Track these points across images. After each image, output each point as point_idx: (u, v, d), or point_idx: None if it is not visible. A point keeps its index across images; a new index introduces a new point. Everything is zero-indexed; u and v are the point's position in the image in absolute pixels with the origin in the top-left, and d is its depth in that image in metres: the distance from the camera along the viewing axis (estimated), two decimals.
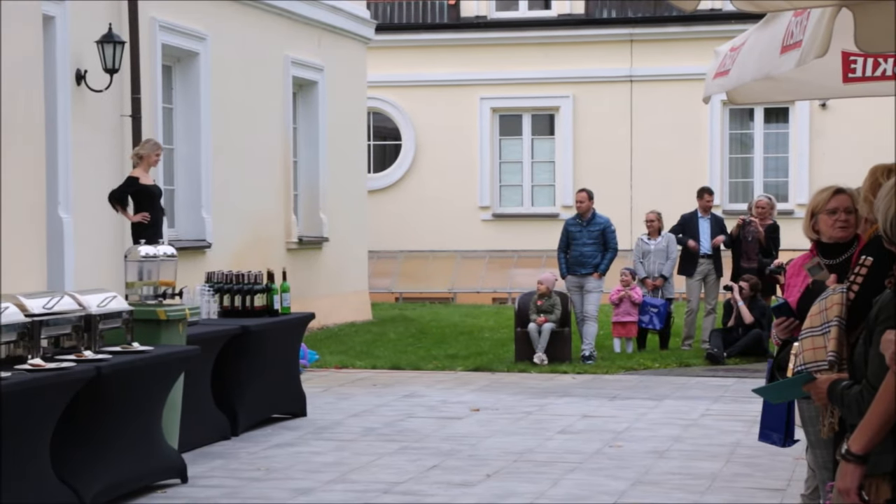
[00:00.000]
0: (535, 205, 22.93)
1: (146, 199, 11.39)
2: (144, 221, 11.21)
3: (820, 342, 4.40)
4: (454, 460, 8.26)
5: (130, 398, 6.93)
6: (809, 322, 4.57)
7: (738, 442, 8.89)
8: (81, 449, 6.59)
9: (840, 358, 4.45)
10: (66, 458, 6.48)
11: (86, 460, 6.60)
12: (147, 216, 11.26)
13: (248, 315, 9.63)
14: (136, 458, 7.03)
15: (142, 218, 11.23)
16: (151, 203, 11.39)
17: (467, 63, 22.67)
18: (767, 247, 13.97)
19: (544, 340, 13.18)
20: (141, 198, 11.38)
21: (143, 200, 11.38)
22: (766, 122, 22.22)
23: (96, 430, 6.66)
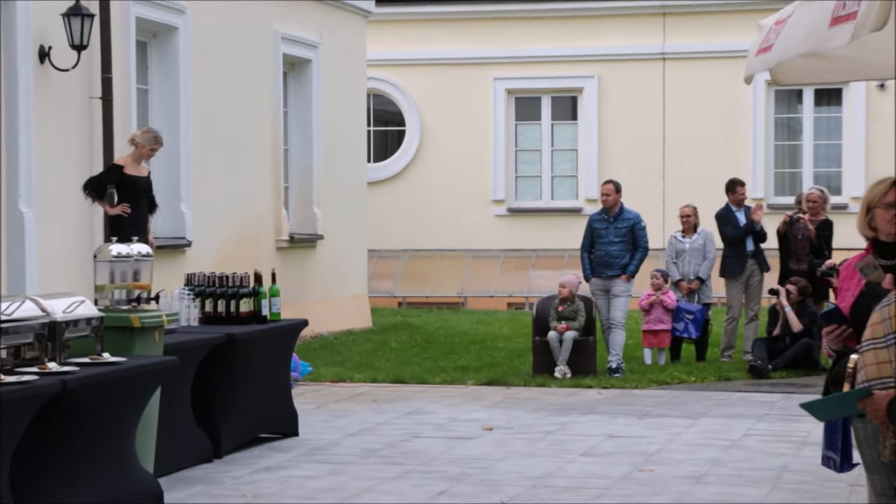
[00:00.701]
0: (556, 198, 22.91)
1: (129, 191, 11.42)
2: (124, 214, 11.20)
3: (885, 355, 4.35)
4: (464, 485, 8.25)
5: (100, 416, 6.92)
6: (871, 332, 4.52)
7: (784, 466, 8.87)
8: (44, 473, 6.58)
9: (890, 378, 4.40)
10: (27, 483, 6.46)
11: (49, 486, 6.59)
12: (127, 208, 11.26)
13: (233, 322, 9.62)
14: (107, 483, 7.03)
15: (121, 210, 11.23)
16: (135, 197, 11.42)
17: (479, 39, 22.67)
18: (819, 246, 13.94)
19: (566, 351, 13.17)
20: (124, 189, 11.41)
21: (125, 192, 11.41)
22: (816, 105, 22.18)
23: (61, 451, 6.65)
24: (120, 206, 11.35)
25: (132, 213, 11.38)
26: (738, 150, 21.82)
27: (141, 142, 11.47)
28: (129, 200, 11.36)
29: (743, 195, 14.49)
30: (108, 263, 8.02)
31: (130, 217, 11.36)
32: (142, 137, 11.51)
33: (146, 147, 11.49)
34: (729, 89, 21.11)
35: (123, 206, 11.35)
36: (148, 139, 11.50)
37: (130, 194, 11.42)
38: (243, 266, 11.79)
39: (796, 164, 22.29)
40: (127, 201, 11.35)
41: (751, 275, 14.33)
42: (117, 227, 11.05)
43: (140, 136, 11.55)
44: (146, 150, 11.51)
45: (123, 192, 11.42)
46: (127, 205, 11.34)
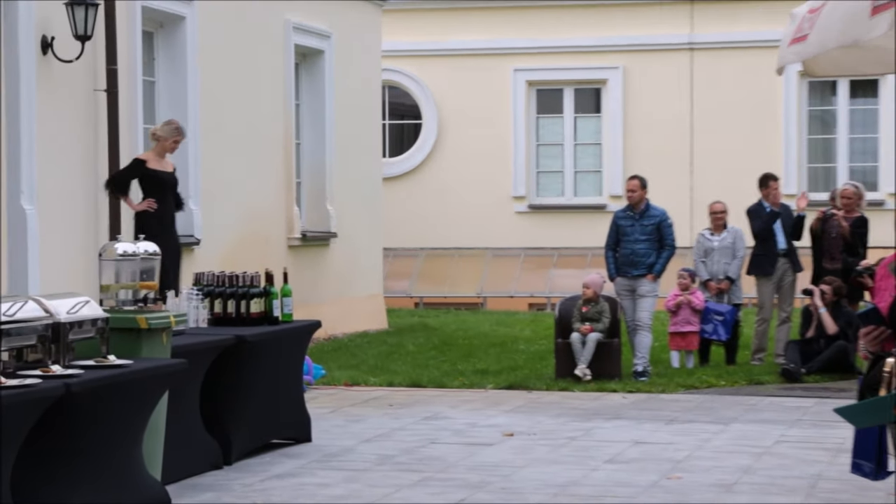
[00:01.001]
0: (579, 194, 22.90)
1: (154, 186, 11.51)
2: (150, 209, 11.26)
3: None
4: (484, 493, 8.25)
5: (105, 421, 6.94)
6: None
7: (819, 474, 8.84)
8: (48, 481, 6.60)
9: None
10: (30, 490, 6.48)
11: (52, 494, 6.61)
12: (154, 203, 11.33)
13: (244, 323, 9.62)
14: (113, 490, 7.04)
15: (147, 205, 11.29)
16: (161, 192, 11.50)
17: (499, 28, 22.67)
18: (853, 244, 13.90)
19: (589, 353, 13.16)
20: (148, 185, 11.51)
21: (149, 188, 11.51)
22: (851, 97, 22.12)
23: (65, 458, 6.67)
24: (146, 201, 11.43)
25: (158, 209, 11.45)
26: (769, 144, 21.77)
27: (163, 135, 11.57)
28: (154, 196, 11.44)
29: (776, 191, 14.42)
30: (113, 262, 8.03)
31: (157, 213, 11.44)
32: (163, 130, 11.60)
33: (169, 140, 11.58)
34: (760, 81, 21.07)
35: (149, 201, 11.44)
36: (170, 131, 11.59)
37: (155, 190, 11.50)
38: (254, 265, 11.80)
39: (830, 158, 22.23)
40: (151, 197, 11.43)
41: (783, 274, 14.29)
42: (142, 224, 11.09)
43: (161, 129, 11.66)
44: (169, 143, 11.61)
45: (148, 187, 11.53)
46: (153, 200, 11.42)
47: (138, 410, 7.29)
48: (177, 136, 11.64)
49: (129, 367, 7.15)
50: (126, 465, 7.19)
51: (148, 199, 11.43)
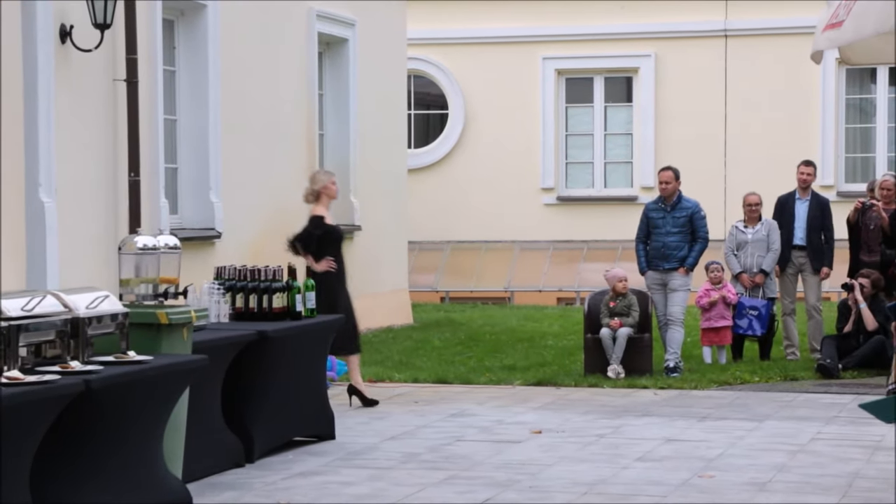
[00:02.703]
0: (609, 186, 22.88)
1: (331, 242, 11.51)
2: (332, 270, 11.35)
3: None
4: (512, 492, 8.26)
5: (125, 417, 6.98)
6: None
7: (856, 472, 8.82)
8: (67, 478, 6.64)
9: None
10: (49, 488, 6.53)
11: (72, 492, 6.65)
12: (333, 264, 11.40)
13: (266, 318, 9.67)
14: (133, 489, 7.08)
15: (328, 266, 11.36)
16: (337, 248, 11.55)
17: (527, 16, 22.65)
18: (893, 236, 13.84)
19: (620, 349, 13.15)
20: (325, 241, 11.47)
21: (326, 244, 11.48)
22: (891, 85, 22.01)
23: (84, 455, 6.71)
24: (325, 261, 11.38)
25: (337, 266, 11.45)
26: (805, 134, 21.69)
27: (322, 183, 11.50)
28: (331, 252, 11.45)
29: (806, 176, 14.34)
30: (133, 256, 8.06)
31: (337, 271, 11.42)
32: (318, 180, 11.53)
33: (328, 183, 11.52)
34: (796, 68, 21.00)
35: (328, 261, 11.38)
36: (325, 175, 11.60)
37: (333, 246, 11.50)
38: (276, 259, 11.84)
39: (869, 148, 22.14)
40: (329, 254, 11.43)
41: (800, 268, 14.25)
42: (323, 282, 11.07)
43: (316, 179, 11.57)
44: (333, 188, 11.56)
45: (325, 244, 11.47)
46: (332, 259, 11.41)
47: (158, 407, 7.33)
48: (331, 177, 11.61)
49: (148, 363, 7.18)
50: (146, 463, 7.23)
51: (327, 258, 11.38)
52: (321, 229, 11.46)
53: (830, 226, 14.30)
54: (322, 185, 11.54)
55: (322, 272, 11.24)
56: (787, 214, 14.29)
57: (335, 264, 11.40)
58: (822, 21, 7.19)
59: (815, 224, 14.23)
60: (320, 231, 11.45)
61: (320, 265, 11.36)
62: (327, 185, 11.54)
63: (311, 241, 11.46)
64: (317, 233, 11.45)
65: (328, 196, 11.56)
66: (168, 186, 13.64)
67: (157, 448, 7.35)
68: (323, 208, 11.54)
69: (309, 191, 11.65)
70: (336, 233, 11.59)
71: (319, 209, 11.55)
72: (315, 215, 11.55)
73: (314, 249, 11.43)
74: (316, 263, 11.36)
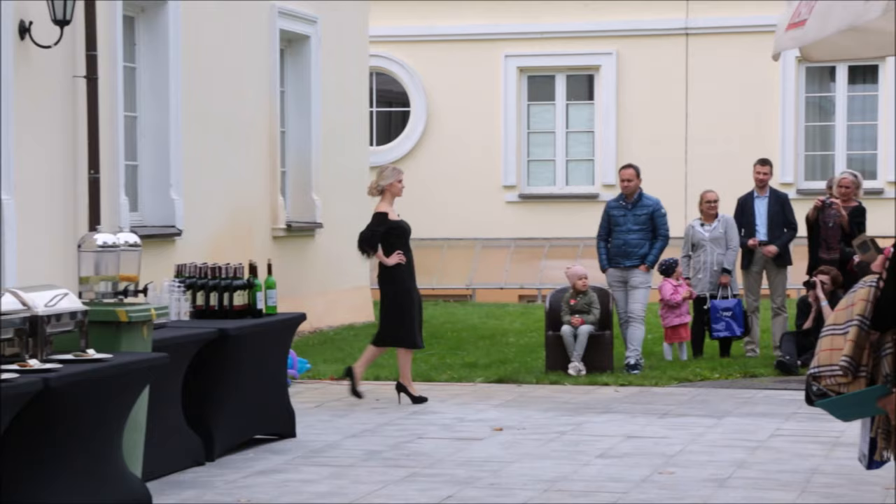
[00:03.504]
0: (570, 184, 22.92)
1: (398, 238, 11.62)
2: (402, 262, 11.49)
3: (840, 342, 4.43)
4: (473, 489, 8.26)
5: (85, 416, 6.94)
6: (834, 318, 4.61)
7: (815, 468, 8.87)
8: (26, 478, 6.59)
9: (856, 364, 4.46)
10: (8, 488, 6.48)
11: (31, 491, 6.61)
12: (403, 257, 11.54)
13: (227, 316, 9.64)
14: (92, 488, 7.05)
15: (398, 259, 11.49)
16: (404, 243, 11.64)
17: (489, 13, 22.66)
18: (851, 233, 13.92)
19: (581, 346, 13.18)
20: (392, 237, 11.58)
21: (394, 240, 11.58)
22: (850, 83, 22.15)
23: (43, 454, 6.67)
24: (396, 254, 11.54)
25: (406, 261, 11.60)
26: (765, 132, 21.80)
27: (388, 181, 11.59)
28: (400, 247, 11.58)
29: (762, 175, 14.38)
30: (93, 254, 8.02)
31: (406, 265, 11.59)
32: (385, 178, 11.62)
33: (395, 183, 11.61)
34: (756, 67, 21.09)
35: (399, 255, 11.55)
36: (391, 174, 11.66)
37: (401, 242, 11.61)
38: (237, 256, 11.82)
39: (828, 146, 22.26)
40: (397, 248, 11.56)
41: (764, 266, 14.31)
42: (393, 277, 11.49)
43: (382, 178, 11.64)
44: (397, 186, 11.65)
45: (393, 240, 11.58)
46: (401, 253, 11.55)
47: (118, 406, 7.29)
48: (398, 175, 11.69)
49: (108, 361, 7.15)
50: (106, 461, 7.19)
51: (397, 252, 11.53)
52: (384, 226, 11.56)
53: (793, 220, 14.36)
54: (388, 183, 11.63)
55: (393, 265, 11.48)
56: (747, 213, 14.36)
57: (404, 258, 11.55)
58: (783, 20, 7.20)
59: (776, 220, 14.29)
60: (384, 228, 11.55)
61: (391, 259, 11.53)
62: (393, 183, 11.64)
63: (375, 239, 11.57)
64: (380, 230, 11.54)
65: (393, 193, 11.66)
66: (128, 184, 13.58)
67: (116, 446, 7.32)
68: (387, 205, 11.64)
69: (374, 185, 11.78)
70: (402, 228, 11.66)
71: (383, 206, 11.65)
72: (379, 212, 11.65)
73: (377, 247, 11.57)
74: (386, 258, 11.50)
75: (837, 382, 4.66)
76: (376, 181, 11.77)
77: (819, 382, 4.83)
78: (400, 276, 11.59)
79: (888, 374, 4.60)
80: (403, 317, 11.63)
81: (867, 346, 4.51)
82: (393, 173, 11.73)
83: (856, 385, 4.53)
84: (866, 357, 4.49)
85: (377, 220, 11.65)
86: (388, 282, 11.63)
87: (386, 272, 11.65)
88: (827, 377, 4.45)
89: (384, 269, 11.64)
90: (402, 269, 11.60)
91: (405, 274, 11.63)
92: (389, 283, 11.62)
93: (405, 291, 11.64)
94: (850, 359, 4.56)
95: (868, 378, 4.55)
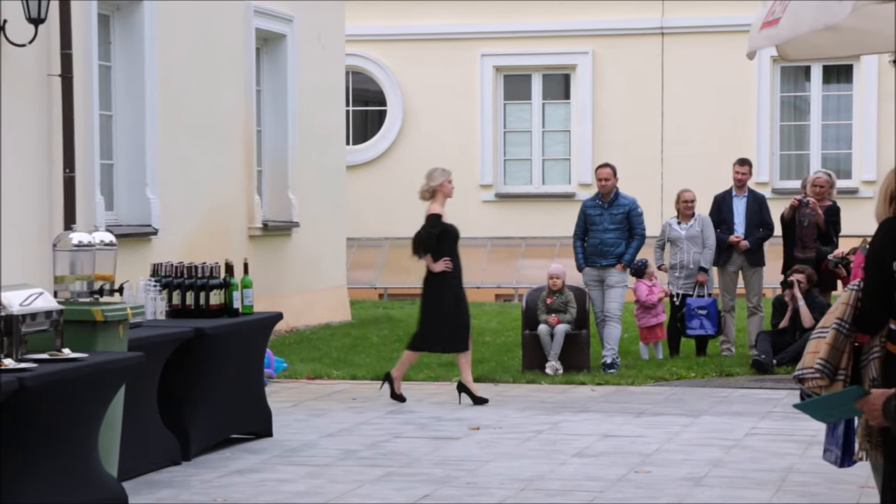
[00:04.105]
0: (547, 183, 22.94)
1: (449, 241, 11.54)
2: (448, 269, 11.39)
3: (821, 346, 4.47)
4: (450, 489, 8.26)
5: (60, 415, 6.92)
6: (823, 321, 4.63)
7: (790, 467, 8.90)
8: (1, 478, 6.56)
9: (833, 367, 4.49)
10: None
11: (6, 491, 6.58)
12: (450, 264, 11.45)
13: (203, 315, 9.62)
14: (68, 488, 7.02)
15: (445, 266, 11.40)
16: (452, 247, 11.56)
17: (466, 12, 22.66)
18: (827, 232, 13.97)
19: (557, 345, 13.19)
20: (442, 241, 11.50)
21: (444, 243, 11.50)
22: (824, 83, 22.23)
23: (18, 454, 6.65)
24: (442, 261, 11.45)
25: (454, 265, 11.50)
26: (741, 131, 21.86)
27: (438, 181, 11.51)
28: (449, 252, 11.49)
29: (742, 175, 14.41)
30: (68, 253, 8.00)
31: (455, 270, 11.50)
32: (435, 178, 11.53)
33: (445, 183, 11.54)
34: (732, 66, 21.15)
35: (446, 261, 11.45)
36: (441, 174, 11.56)
37: (451, 245, 11.52)
38: (213, 256, 11.79)
39: (803, 145, 22.34)
40: (447, 254, 11.47)
41: (741, 266, 14.33)
42: (442, 283, 11.39)
43: (433, 178, 11.54)
44: (448, 187, 11.57)
45: (444, 243, 11.50)
46: (449, 259, 11.45)
47: (94, 405, 7.27)
48: (448, 175, 11.60)
49: (84, 360, 7.13)
50: (81, 461, 7.17)
51: (444, 258, 11.44)
52: (439, 227, 11.47)
53: (770, 221, 14.39)
54: (438, 184, 11.56)
55: (439, 272, 11.40)
56: (725, 212, 14.38)
57: (451, 264, 11.43)
58: (758, 19, 7.22)
59: (753, 220, 14.33)
60: (438, 230, 11.46)
61: (437, 265, 11.45)
62: (443, 184, 11.57)
63: (430, 242, 11.47)
64: (435, 231, 11.45)
65: (444, 194, 11.60)
66: (104, 183, 13.54)
67: (92, 446, 7.29)
68: (439, 206, 11.56)
69: (426, 187, 11.67)
70: (453, 232, 11.58)
71: (436, 207, 11.57)
72: (432, 214, 11.55)
73: (433, 248, 11.46)
74: (434, 263, 11.41)
75: (818, 385, 4.68)
76: (427, 184, 11.63)
77: (804, 384, 4.87)
78: (447, 281, 11.42)
79: (874, 379, 4.62)
80: (450, 321, 11.45)
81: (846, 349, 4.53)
82: (442, 174, 11.60)
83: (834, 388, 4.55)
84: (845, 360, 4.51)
85: (431, 221, 11.52)
86: (433, 286, 11.47)
87: (432, 277, 11.51)
88: (809, 379, 4.47)
89: (431, 273, 11.50)
90: (448, 275, 11.45)
91: (451, 279, 11.47)
92: (436, 288, 11.45)
93: (453, 296, 11.48)
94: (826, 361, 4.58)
95: (844, 381, 4.57)
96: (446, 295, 11.50)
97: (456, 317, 11.56)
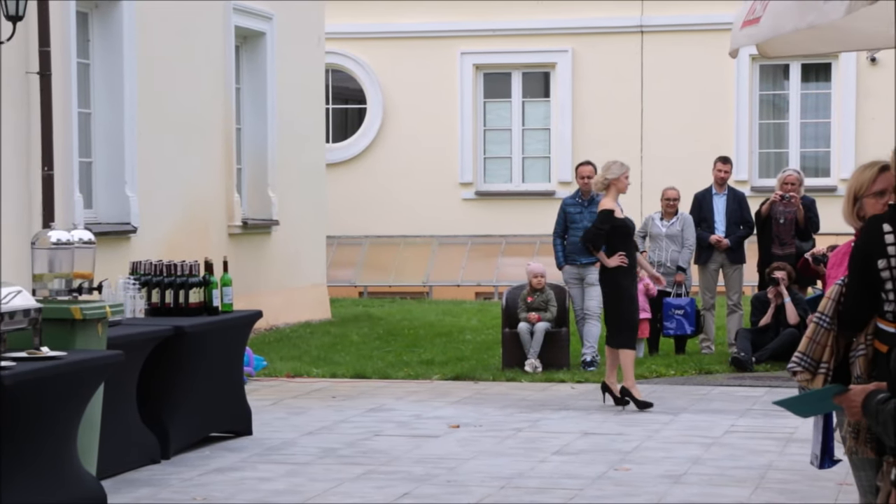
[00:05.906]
0: (527, 181, 22.94)
1: (623, 237, 11.35)
2: (623, 265, 11.24)
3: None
4: (429, 487, 8.26)
5: (39, 414, 6.90)
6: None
7: (769, 464, 8.92)
8: None
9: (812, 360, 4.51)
10: None
11: None
12: (625, 259, 11.27)
13: (182, 314, 9.60)
14: (46, 486, 7.01)
15: (620, 261, 11.24)
16: (628, 242, 11.39)
17: (445, 11, 22.66)
18: (806, 229, 13.98)
19: (537, 343, 13.20)
20: (616, 235, 11.32)
21: (617, 238, 11.31)
22: (803, 81, 22.28)
23: None
24: (617, 256, 11.26)
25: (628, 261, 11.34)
26: (720, 130, 21.89)
27: (613, 176, 11.27)
28: (623, 247, 11.30)
29: (723, 173, 14.44)
30: (47, 251, 7.98)
31: (628, 266, 11.32)
32: (612, 171, 11.29)
33: (622, 178, 11.31)
34: (711, 64, 21.19)
35: (621, 256, 11.25)
36: (619, 169, 11.33)
37: (624, 241, 11.34)
38: (193, 254, 11.78)
39: (782, 143, 22.39)
40: (620, 249, 11.28)
41: (722, 264, 14.35)
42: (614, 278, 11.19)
43: (609, 171, 11.32)
44: (623, 182, 11.35)
45: (617, 239, 11.31)
46: (624, 254, 11.27)
47: (73, 404, 7.25)
48: (625, 171, 11.37)
49: (62, 359, 7.11)
50: (60, 460, 7.15)
51: (619, 253, 11.25)
52: (609, 223, 11.28)
53: (750, 219, 14.41)
54: (615, 177, 11.30)
55: (614, 267, 11.24)
56: (705, 210, 14.40)
57: (626, 259, 11.29)
58: (739, 18, 7.23)
59: (734, 218, 14.35)
60: (608, 226, 11.28)
61: (612, 260, 11.28)
62: (620, 178, 11.32)
63: (599, 238, 11.34)
64: (605, 227, 11.29)
65: (618, 189, 11.36)
66: (82, 180, 13.50)
67: (71, 445, 7.28)
68: (611, 201, 11.34)
69: (601, 179, 11.44)
70: (626, 227, 11.42)
71: (608, 202, 11.36)
72: (605, 210, 11.36)
73: (601, 245, 11.34)
74: (608, 259, 11.30)
75: (805, 378, 4.71)
76: (602, 174, 11.42)
77: (795, 377, 4.90)
78: (622, 278, 11.25)
79: (859, 377, 4.64)
80: (624, 319, 11.28)
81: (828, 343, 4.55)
82: (620, 168, 11.35)
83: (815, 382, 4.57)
84: (827, 354, 4.52)
85: (603, 217, 11.33)
86: (608, 283, 11.32)
87: (607, 273, 11.34)
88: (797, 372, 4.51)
89: (605, 269, 11.35)
90: (623, 271, 11.26)
91: (629, 280, 11.33)
92: (611, 285, 11.30)
93: (628, 294, 11.36)
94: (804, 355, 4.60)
95: (826, 375, 4.59)
96: (622, 294, 11.28)
97: (628, 315, 11.35)
